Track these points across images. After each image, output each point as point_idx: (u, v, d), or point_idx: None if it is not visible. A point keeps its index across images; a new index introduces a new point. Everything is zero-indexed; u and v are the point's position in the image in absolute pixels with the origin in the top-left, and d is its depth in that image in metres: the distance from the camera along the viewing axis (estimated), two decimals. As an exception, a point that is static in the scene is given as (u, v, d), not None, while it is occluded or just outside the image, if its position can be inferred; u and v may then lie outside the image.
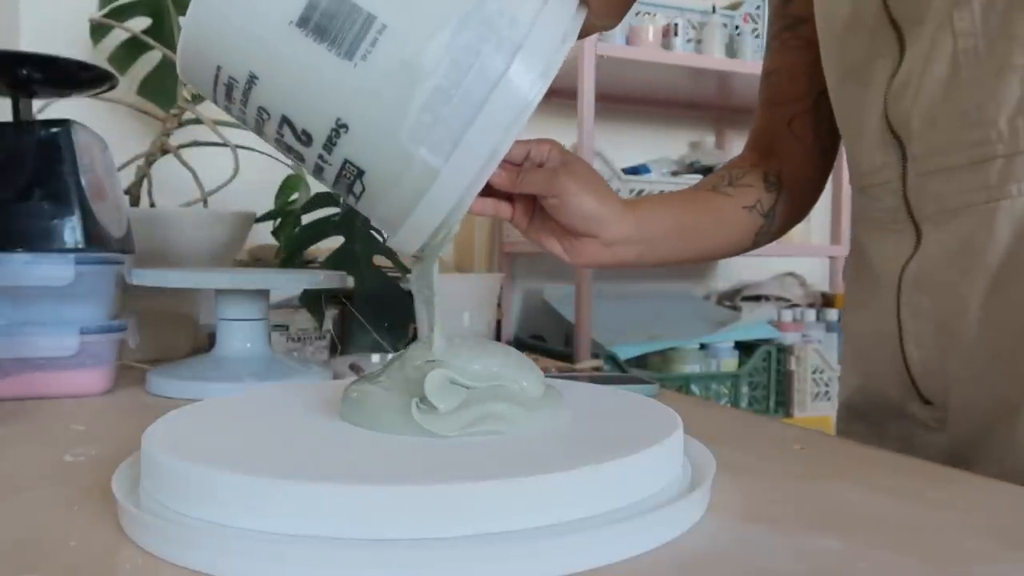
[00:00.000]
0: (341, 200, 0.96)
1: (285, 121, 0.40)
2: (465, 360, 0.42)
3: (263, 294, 0.74)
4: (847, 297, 0.74)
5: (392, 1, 0.37)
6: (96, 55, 1.35)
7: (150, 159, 1.06)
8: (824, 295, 2.02)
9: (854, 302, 0.72)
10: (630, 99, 2.03)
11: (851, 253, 0.73)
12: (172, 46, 1.20)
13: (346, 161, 0.41)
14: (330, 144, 0.40)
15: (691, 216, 0.72)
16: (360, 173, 0.41)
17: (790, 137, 0.76)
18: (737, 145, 2.14)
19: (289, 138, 0.41)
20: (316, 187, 1.08)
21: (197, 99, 1.13)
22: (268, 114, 0.40)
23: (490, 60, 0.38)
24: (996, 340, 0.57)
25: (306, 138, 0.41)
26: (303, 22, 0.37)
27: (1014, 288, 0.56)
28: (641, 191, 1.76)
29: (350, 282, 0.89)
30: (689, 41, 1.82)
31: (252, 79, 0.39)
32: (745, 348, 1.81)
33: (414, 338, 0.46)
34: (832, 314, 1.93)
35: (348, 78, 0.38)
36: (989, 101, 0.56)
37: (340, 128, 0.39)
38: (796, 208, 0.78)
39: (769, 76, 0.78)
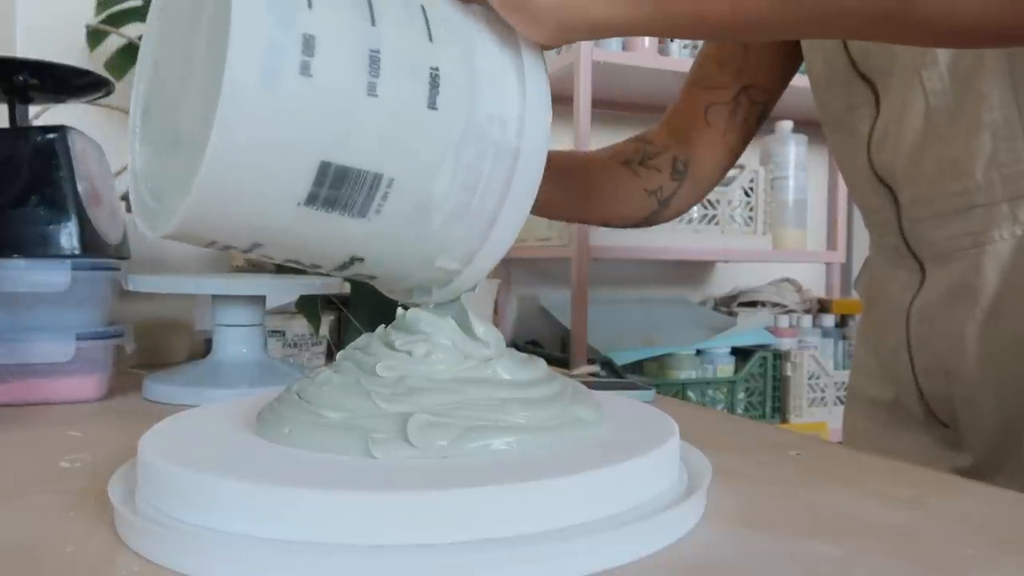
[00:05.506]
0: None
1: (290, 260, 0.40)
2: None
3: (259, 300, 0.74)
4: (864, 322, 0.76)
5: (393, 152, 0.35)
6: (93, 61, 1.34)
7: (147, 165, 1.05)
8: (820, 301, 2.02)
9: (871, 325, 0.74)
10: (626, 105, 2.03)
11: (866, 275, 0.75)
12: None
13: (357, 273, 0.41)
14: (341, 269, 0.40)
15: (595, 188, 0.75)
16: (372, 277, 0.42)
17: (704, 124, 0.77)
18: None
19: (290, 263, 0.41)
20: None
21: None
22: (270, 257, 0.40)
23: (494, 173, 0.38)
24: (994, 370, 0.60)
25: (313, 267, 0.41)
26: (311, 200, 0.35)
27: (1004, 322, 0.58)
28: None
29: (346, 288, 0.89)
30: (685, 47, 1.83)
31: (255, 245, 0.38)
32: (741, 354, 1.81)
33: None
34: (828, 320, 1.93)
35: (362, 230, 0.37)
36: (964, 155, 0.58)
37: (355, 260, 0.39)
38: (687, 200, 0.79)
39: (701, 59, 0.79)
